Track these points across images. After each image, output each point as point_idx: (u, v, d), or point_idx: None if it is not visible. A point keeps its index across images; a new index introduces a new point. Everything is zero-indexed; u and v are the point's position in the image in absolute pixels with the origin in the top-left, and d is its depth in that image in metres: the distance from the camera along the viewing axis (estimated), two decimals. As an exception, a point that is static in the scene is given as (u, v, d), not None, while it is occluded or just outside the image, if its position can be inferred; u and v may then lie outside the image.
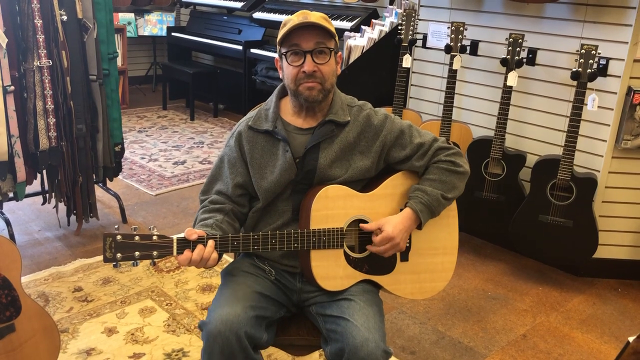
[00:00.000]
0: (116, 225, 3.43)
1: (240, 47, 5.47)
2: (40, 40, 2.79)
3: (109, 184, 3.61)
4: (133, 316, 2.56)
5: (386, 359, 1.54)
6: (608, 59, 2.76)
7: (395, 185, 1.74)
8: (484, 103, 3.32)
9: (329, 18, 1.68)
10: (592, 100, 2.75)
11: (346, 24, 4.56)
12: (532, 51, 3.03)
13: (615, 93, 2.79)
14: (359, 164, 1.71)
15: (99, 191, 3.56)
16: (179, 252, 1.52)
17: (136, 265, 1.56)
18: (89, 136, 3.09)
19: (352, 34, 3.93)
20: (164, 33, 6.59)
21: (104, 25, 3.08)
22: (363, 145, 1.72)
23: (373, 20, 3.90)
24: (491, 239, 3.40)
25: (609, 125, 2.84)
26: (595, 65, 2.67)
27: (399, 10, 3.66)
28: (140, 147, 4.91)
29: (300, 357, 1.92)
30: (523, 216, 2.97)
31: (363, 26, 3.89)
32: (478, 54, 3.27)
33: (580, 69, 2.68)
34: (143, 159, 4.64)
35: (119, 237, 1.49)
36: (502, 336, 2.57)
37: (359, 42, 3.70)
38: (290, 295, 1.75)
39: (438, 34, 3.42)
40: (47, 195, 3.19)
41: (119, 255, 1.49)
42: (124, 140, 3.40)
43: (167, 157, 4.69)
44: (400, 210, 1.72)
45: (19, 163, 2.86)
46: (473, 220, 3.19)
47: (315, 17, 1.63)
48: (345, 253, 1.68)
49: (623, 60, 2.74)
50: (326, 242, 1.64)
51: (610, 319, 2.74)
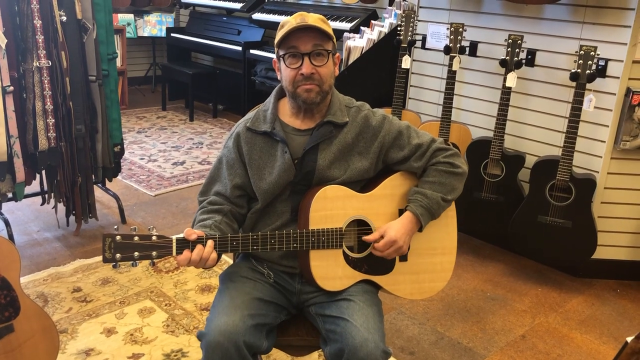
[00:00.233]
0: (115, 225, 3.42)
1: (239, 48, 5.47)
2: (40, 40, 2.79)
3: (108, 185, 3.61)
4: (132, 317, 2.56)
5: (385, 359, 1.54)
6: (607, 60, 2.77)
7: (394, 185, 1.74)
8: (483, 104, 3.32)
9: (326, 20, 1.68)
10: (589, 101, 2.75)
11: (345, 25, 4.56)
12: (531, 52, 3.03)
13: (614, 94, 2.79)
14: (358, 164, 1.71)
15: (98, 192, 3.56)
16: (178, 253, 1.52)
17: (135, 265, 1.56)
18: (88, 137, 3.09)
19: (352, 35, 3.94)
20: (163, 34, 6.59)
21: (104, 26, 3.08)
22: (361, 146, 1.72)
23: (372, 21, 3.90)
24: (490, 239, 3.40)
25: (607, 126, 2.84)
26: (594, 67, 2.68)
27: (398, 12, 3.67)
28: (139, 148, 4.91)
29: (299, 358, 1.92)
30: (522, 217, 2.97)
31: (362, 27, 3.89)
32: (477, 55, 3.27)
33: (579, 70, 2.69)
34: (142, 159, 4.64)
35: (118, 238, 1.49)
36: (501, 337, 2.57)
37: (358, 43, 3.70)
38: (290, 297, 1.75)
39: (437, 35, 3.42)
40: (46, 195, 3.19)
41: (118, 255, 1.49)
42: (123, 141, 3.40)
43: (167, 158, 4.69)
44: (399, 211, 1.73)
45: (18, 163, 2.86)
46: (472, 221, 3.19)
47: (313, 19, 1.62)
48: (344, 253, 1.68)
49: (622, 61, 2.74)
50: (325, 242, 1.64)
51: (609, 319, 2.74)
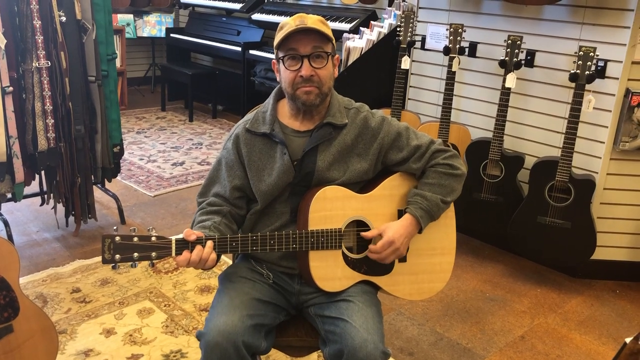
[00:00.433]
0: (115, 226, 3.42)
1: (239, 49, 5.47)
2: (39, 41, 2.79)
3: (108, 185, 3.61)
4: (131, 317, 2.56)
5: (384, 360, 1.54)
6: (606, 61, 2.77)
7: (393, 186, 1.74)
8: (483, 105, 3.32)
9: (326, 21, 1.68)
10: (588, 101, 2.75)
11: (345, 26, 4.56)
12: (531, 53, 3.03)
13: (614, 95, 2.79)
14: (357, 166, 1.71)
15: (97, 192, 3.56)
16: (178, 253, 1.52)
17: (135, 266, 1.56)
18: (88, 137, 3.09)
19: (351, 35, 3.93)
20: (162, 34, 6.59)
21: (103, 27, 3.08)
22: (361, 147, 1.72)
23: (372, 22, 3.89)
24: (489, 240, 3.40)
25: (607, 127, 2.84)
26: (593, 67, 2.68)
27: (398, 12, 3.67)
28: (138, 148, 4.91)
29: (298, 359, 1.91)
30: (521, 217, 2.97)
31: (362, 28, 3.89)
32: (477, 55, 3.28)
33: (578, 71, 2.69)
34: (142, 160, 4.64)
35: (117, 239, 1.49)
36: (500, 337, 2.57)
37: (358, 44, 3.70)
38: (289, 298, 1.75)
39: (437, 35, 3.42)
40: (46, 196, 3.19)
41: (117, 256, 1.49)
42: (123, 141, 3.40)
43: (166, 158, 4.69)
44: (399, 211, 1.73)
45: (18, 164, 2.85)
46: (471, 222, 3.19)
47: (312, 21, 1.62)
48: (343, 254, 1.68)
49: (621, 62, 2.74)
50: (324, 243, 1.64)
51: (608, 320, 2.74)
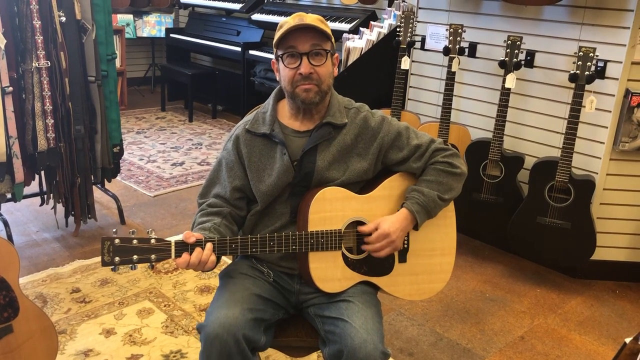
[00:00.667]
0: (114, 226, 3.43)
1: (238, 49, 5.47)
2: (39, 41, 2.79)
3: (107, 185, 3.60)
4: (131, 317, 2.56)
5: (384, 361, 1.54)
6: (606, 62, 2.77)
7: (392, 186, 1.74)
8: (482, 105, 3.32)
9: (325, 20, 1.69)
10: (590, 102, 2.76)
11: (344, 26, 4.56)
12: (531, 53, 3.03)
13: (613, 95, 2.79)
14: (357, 166, 1.71)
15: (97, 192, 3.56)
16: (177, 255, 1.52)
17: (134, 268, 1.56)
18: (87, 137, 3.09)
19: (351, 35, 3.93)
20: (162, 34, 6.59)
21: (103, 27, 3.08)
22: (360, 147, 1.72)
23: (371, 22, 3.89)
24: (489, 240, 3.40)
25: (606, 127, 2.84)
26: (593, 68, 2.68)
27: (398, 13, 3.67)
28: (138, 149, 4.91)
29: (298, 359, 1.91)
30: (521, 218, 2.97)
31: (362, 28, 3.89)
32: (476, 56, 3.28)
33: (578, 72, 2.69)
34: (141, 160, 4.64)
35: (117, 241, 1.49)
36: (500, 338, 2.57)
37: (358, 44, 3.69)
38: (289, 297, 1.75)
39: (436, 36, 3.42)
40: (45, 196, 3.19)
41: (117, 259, 1.49)
42: (123, 142, 3.40)
43: (166, 159, 4.69)
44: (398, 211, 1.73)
45: (17, 164, 2.85)
46: (471, 222, 3.19)
47: (311, 19, 1.63)
48: (343, 255, 1.68)
49: (621, 62, 2.74)
50: (324, 244, 1.64)
51: (607, 320, 2.74)
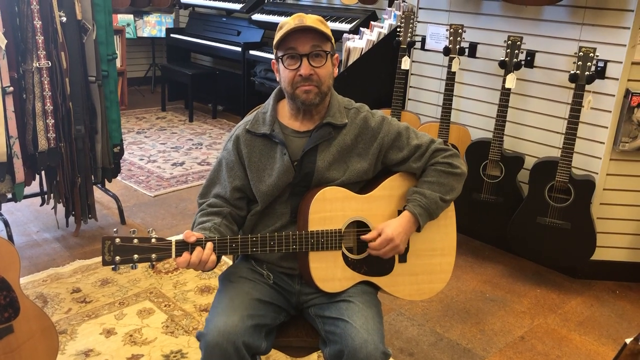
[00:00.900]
0: (114, 226, 3.43)
1: (239, 49, 5.47)
2: (40, 41, 2.79)
3: (108, 185, 3.61)
4: (131, 317, 2.56)
5: (384, 361, 1.54)
6: (606, 62, 2.77)
7: (392, 186, 1.75)
8: (483, 105, 3.32)
9: (325, 20, 1.69)
10: (587, 102, 2.75)
11: (345, 26, 4.56)
12: (531, 53, 3.03)
13: (613, 95, 2.79)
14: (357, 166, 1.71)
15: (97, 192, 3.56)
16: (178, 255, 1.52)
17: (135, 268, 1.56)
18: (88, 137, 3.09)
19: (351, 36, 3.93)
20: (163, 34, 6.59)
21: (103, 27, 3.08)
22: (360, 147, 1.72)
23: (372, 22, 3.89)
24: (489, 240, 3.40)
25: (606, 127, 2.84)
26: (593, 68, 2.68)
27: (398, 13, 3.67)
28: (139, 148, 4.91)
29: (298, 359, 1.91)
30: (521, 218, 2.97)
31: (362, 28, 3.89)
32: (476, 56, 3.28)
33: (578, 72, 2.69)
34: (142, 160, 4.64)
35: (117, 240, 1.49)
36: (500, 338, 2.57)
37: (358, 44, 3.69)
38: (289, 298, 1.75)
39: (437, 36, 3.42)
40: (46, 196, 3.19)
41: (117, 258, 1.49)
42: (123, 142, 3.40)
43: (166, 159, 4.69)
44: (399, 212, 1.73)
45: (18, 164, 2.86)
46: (471, 222, 3.19)
47: (311, 20, 1.62)
48: (343, 254, 1.68)
49: (621, 62, 2.74)
50: (324, 244, 1.65)
51: (607, 321, 2.74)
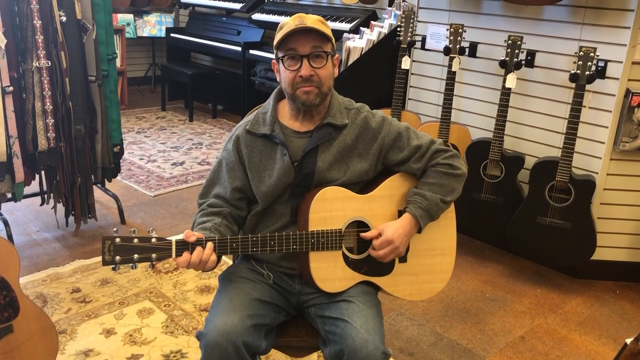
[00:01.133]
0: (114, 226, 3.43)
1: (239, 48, 5.47)
2: (39, 41, 2.79)
3: (108, 185, 3.60)
4: (131, 317, 2.56)
5: (385, 361, 1.54)
6: (606, 61, 2.77)
7: (393, 186, 1.74)
8: (483, 105, 3.32)
9: (325, 21, 1.68)
10: (587, 101, 2.75)
11: (345, 26, 4.56)
12: (531, 53, 3.03)
13: (614, 95, 2.79)
14: (357, 166, 1.71)
15: (97, 192, 3.56)
16: (178, 255, 1.52)
17: (135, 267, 1.56)
18: (88, 137, 3.09)
19: (351, 35, 3.93)
20: (162, 34, 6.59)
21: (103, 26, 3.08)
22: (361, 147, 1.72)
23: (372, 22, 3.89)
24: (489, 240, 3.40)
25: (607, 127, 2.84)
26: (593, 68, 2.68)
27: (398, 12, 3.67)
28: (139, 148, 4.91)
29: (298, 359, 1.91)
30: (521, 218, 2.97)
31: (362, 28, 3.89)
32: (477, 55, 3.27)
33: (578, 71, 2.69)
34: (142, 159, 4.64)
35: (117, 240, 1.49)
36: (500, 338, 2.57)
37: (358, 44, 3.69)
38: (290, 298, 1.75)
39: (437, 35, 3.42)
40: (46, 196, 3.19)
41: (117, 258, 1.49)
42: (123, 141, 3.40)
43: (166, 158, 4.69)
44: (399, 212, 1.73)
45: (18, 164, 2.85)
46: (471, 222, 3.19)
47: (312, 21, 1.62)
48: (343, 254, 1.68)
49: (621, 62, 2.74)
50: (325, 244, 1.64)
51: (608, 320, 2.74)
